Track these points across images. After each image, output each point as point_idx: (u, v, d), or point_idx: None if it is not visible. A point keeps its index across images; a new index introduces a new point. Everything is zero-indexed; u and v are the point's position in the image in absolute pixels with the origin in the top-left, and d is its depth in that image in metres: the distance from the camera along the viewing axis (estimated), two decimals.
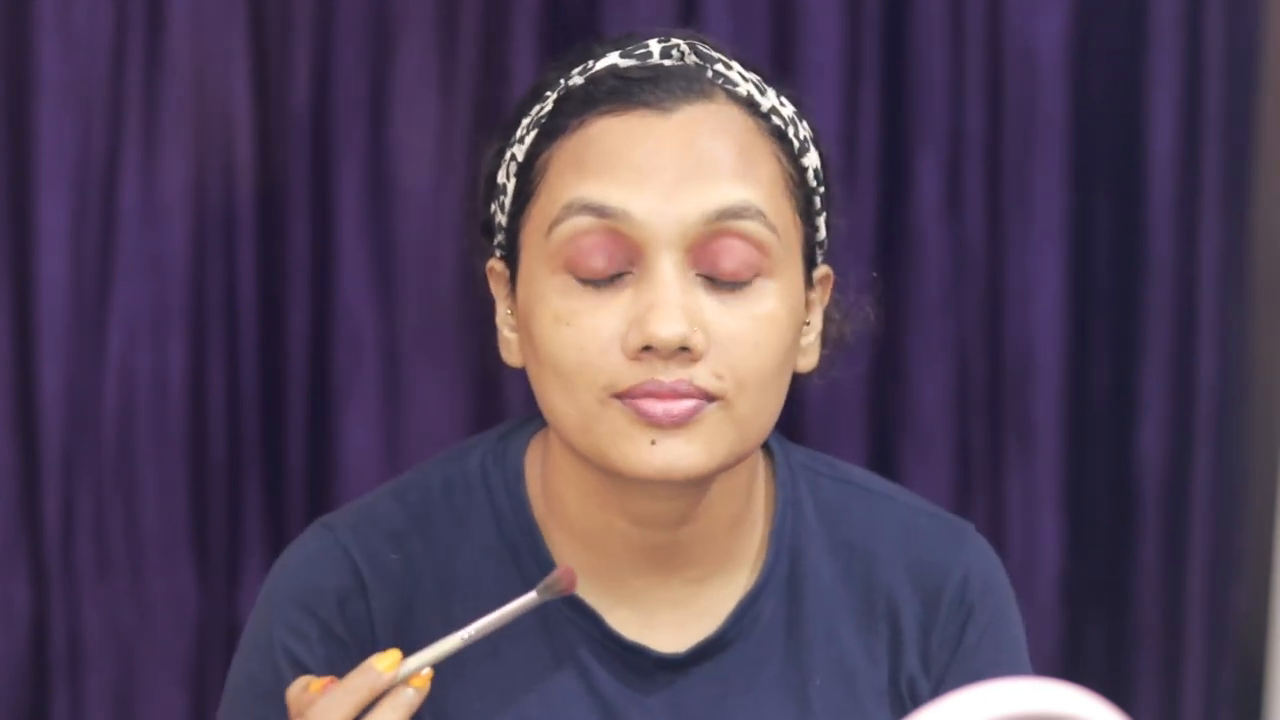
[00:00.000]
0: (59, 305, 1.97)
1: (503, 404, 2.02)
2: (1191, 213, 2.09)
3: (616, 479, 1.19)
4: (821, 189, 1.26)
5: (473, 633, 1.13)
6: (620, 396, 1.15)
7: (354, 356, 2.01)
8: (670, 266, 1.16)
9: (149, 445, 1.99)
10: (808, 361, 1.26)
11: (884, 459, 2.09)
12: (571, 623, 1.24)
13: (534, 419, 1.29)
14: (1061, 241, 2.08)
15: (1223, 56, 2.07)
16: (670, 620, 1.25)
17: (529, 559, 1.25)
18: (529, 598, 1.13)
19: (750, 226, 1.17)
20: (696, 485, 1.21)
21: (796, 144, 1.23)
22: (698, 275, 1.17)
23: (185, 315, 1.99)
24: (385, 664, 1.12)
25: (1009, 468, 2.10)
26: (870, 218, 2.06)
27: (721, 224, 1.17)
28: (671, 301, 1.15)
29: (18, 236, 1.96)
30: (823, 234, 1.26)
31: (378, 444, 2.01)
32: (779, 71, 2.03)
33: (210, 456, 2.00)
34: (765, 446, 1.31)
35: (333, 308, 2.00)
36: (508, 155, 1.24)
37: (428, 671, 1.13)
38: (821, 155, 1.26)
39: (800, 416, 2.06)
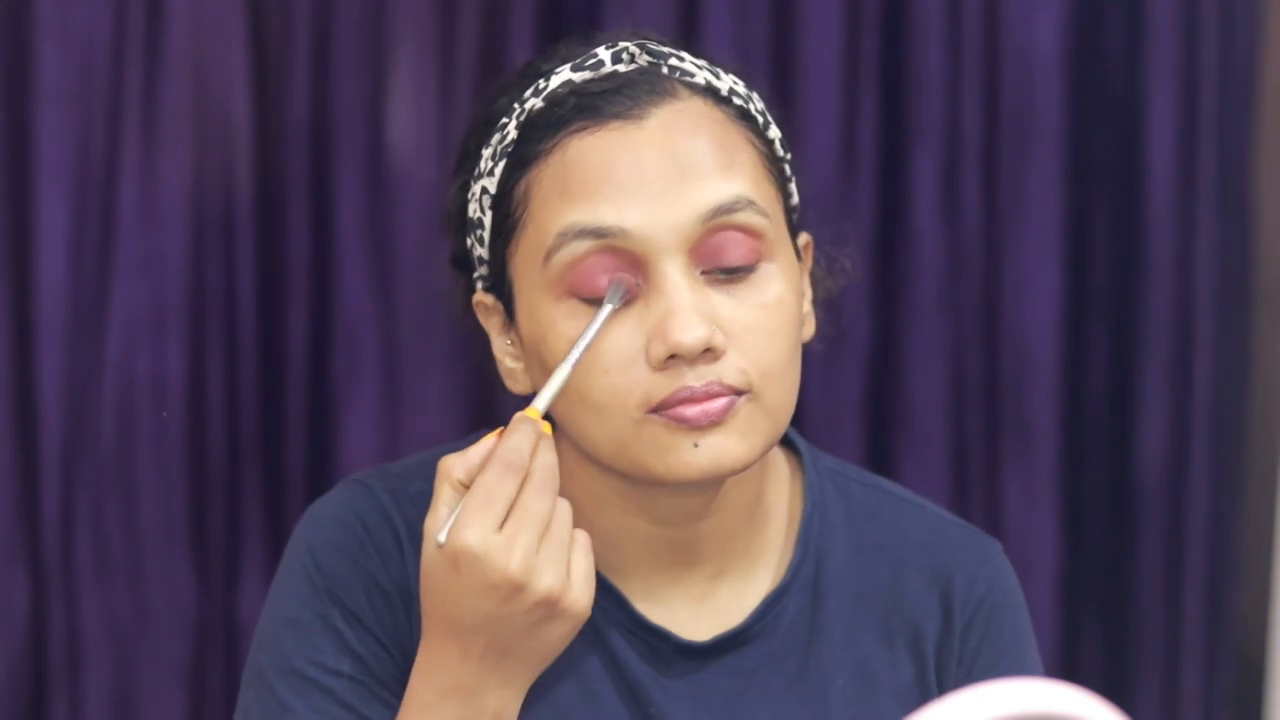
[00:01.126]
0: (59, 305, 1.97)
1: (502, 404, 2.02)
2: (1189, 213, 2.09)
3: (650, 485, 1.20)
4: (788, 156, 1.27)
5: (575, 358, 1.16)
6: (655, 410, 1.16)
7: (354, 356, 2.01)
8: (676, 272, 1.17)
9: (148, 445, 1.99)
10: (807, 330, 1.28)
11: (881, 459, 2.09)
12: (598, 605, 1.24)
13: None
14: (1059, 242, 2.08)
15: (1220, 56, 2.08)
16: (690, 616, 1.27)
17: None
18: (606, 309, 1.16)
19: (744, 217, 1.18)
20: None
21: (761, 120, 1.25)
22: (702, 273, 1.18)
23: (184, 316, 1.99)
24: (533, 414, 1.16)
25: (1006, 468, 2.10)
26: (868, 218, 2.06)
27: (717, 221, 1.18)
28: (686, 306, 1.16)
29: (18, 236, 1.96)
30: (796, 200, 1.28)
31: (377, 444, 2.01)
32: (778, 72, 2.04)
33: (209, 456, 2.00)
34: (794, 451, 1.33)
35: (333, 308, 2.00)
36: (476, 189, 1.24)
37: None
38: (777, 121, 1.27)
39: (798, 415, 2.05)
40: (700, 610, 1.27)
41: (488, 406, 2.03)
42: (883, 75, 2.06)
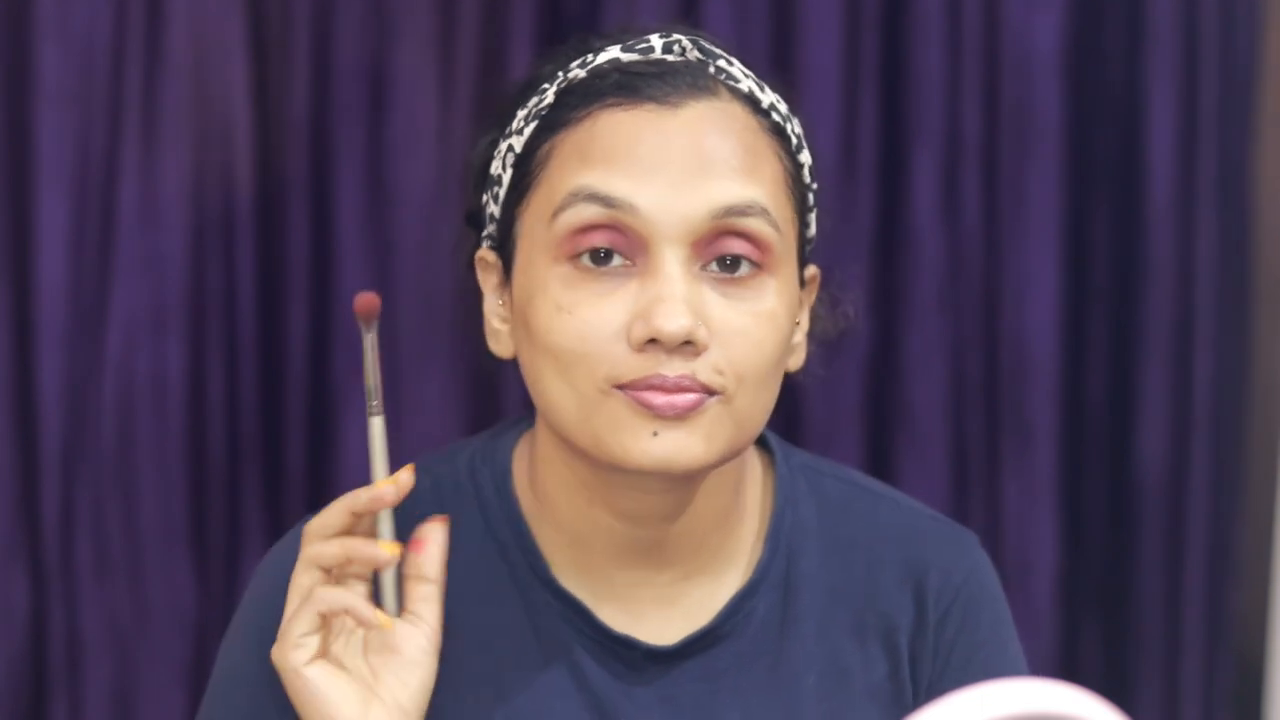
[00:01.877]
0: (59, 305, 1.97)
1: (502, 404, 2.02)
2: (1189, 213, 2.09)
3: (611, 472, 1.19)
4: (814, 186, 1.27)
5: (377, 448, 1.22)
6: (622, 388, 1.16)
7: (354, 357, 2.01)
8: (675, 260, 1.16)
9: (148, 445, 1.99)
10: (796, 360, 1.27)
11: (881, 459, 2.09)
12: (561, 618, 1.24)
13: (522, 420, 1.29)
14: (1058, 242, 2.08)
15: (1220, 56, 2.08)
16: (659, 617, 1.26)
17: (516, 553, 1.26)
18: (368, 338, 1.24)
19: (755, 224, 1.18)
20: (691, 479, 1.21)
21: (794, 141, 1.24)
22: (701, 270, 1.18)
23: (184, 315, 1.99)
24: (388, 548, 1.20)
25: (1006, 468, 2.10)
26: (868, 218, 2.06)
27: (727, 221, 1.17)
28: (677, 295, 1.15)
29: (18, 236, 1.96)
30: (813, 231, 1.28)
31: None
32: (778, 72, 2.04)
33: (209, 456, 2.00)
34: (765, 446, 1.32)
35: (333, 308, 2.00)
36: (503, 147, 1.25)
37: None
38: (811, 152, 1.27)
39: (798, 416, 2.06)
40: (671, 612, 1.26)
41: (487, 407, 2.03)
42: (883, 75, 2.06)
